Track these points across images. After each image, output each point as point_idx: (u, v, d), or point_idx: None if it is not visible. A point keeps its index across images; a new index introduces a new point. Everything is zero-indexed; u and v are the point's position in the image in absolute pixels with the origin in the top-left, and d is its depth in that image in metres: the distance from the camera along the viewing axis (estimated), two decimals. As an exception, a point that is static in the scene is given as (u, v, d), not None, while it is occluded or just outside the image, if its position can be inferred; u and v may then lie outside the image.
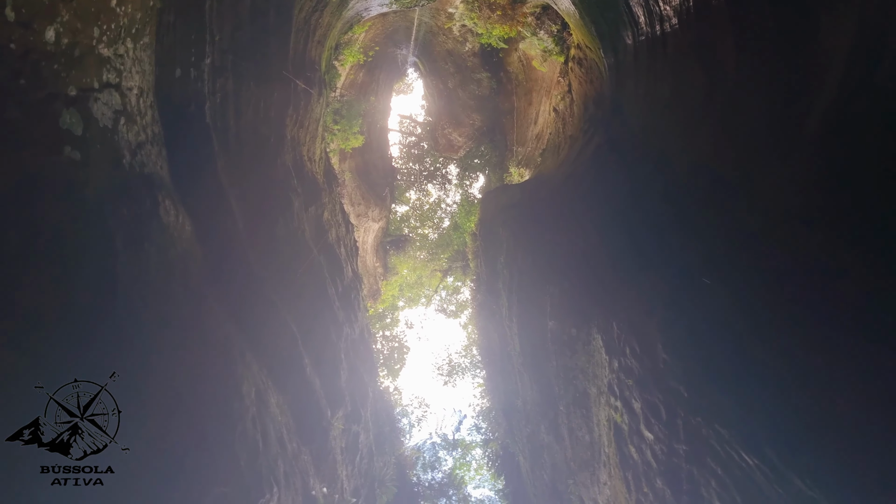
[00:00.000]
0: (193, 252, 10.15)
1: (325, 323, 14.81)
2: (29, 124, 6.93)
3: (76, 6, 7.55)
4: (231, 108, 13.61)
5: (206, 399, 8.26)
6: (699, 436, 8.17)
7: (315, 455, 11.96)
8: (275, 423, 9.95)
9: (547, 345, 15.89)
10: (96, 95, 8.21)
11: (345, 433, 14.12)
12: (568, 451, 15.71)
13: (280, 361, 11.78)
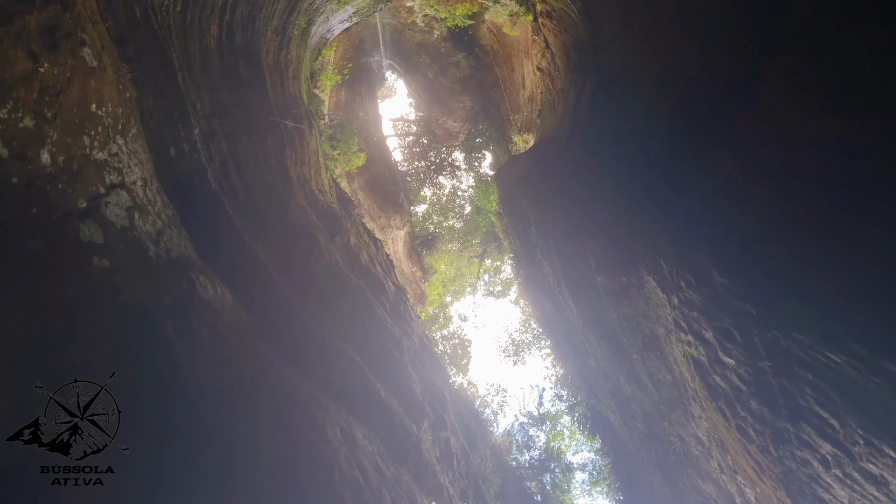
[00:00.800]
0: (241, 318, 10.28)
1: (385, 343, 14.91)
2: (53, 249, 7.08)
3: (60, 123, 7.67)
4: (232, 168, 13.74)
5: (295, 454, 8.38)
6: (780, 348, 8.06)
7: (414, 473, 12.06)
8: (367, 455, 10.06)
9: (602, 299, 15.80)
10: (105, 200, 8.34)
11: (435, 442, 14.22)
12: (654, 396, 15.62)
13: (354, 394, 11.89)
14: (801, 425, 8.49)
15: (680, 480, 16.89)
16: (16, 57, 7.09)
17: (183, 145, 12.25)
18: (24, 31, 7.30)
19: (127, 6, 11.39)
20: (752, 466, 10.82)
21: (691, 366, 11.54)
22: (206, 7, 13.77)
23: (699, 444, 14.22)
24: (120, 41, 10.98)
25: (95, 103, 8.54)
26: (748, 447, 10.47)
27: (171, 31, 12.68)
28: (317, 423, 9.10)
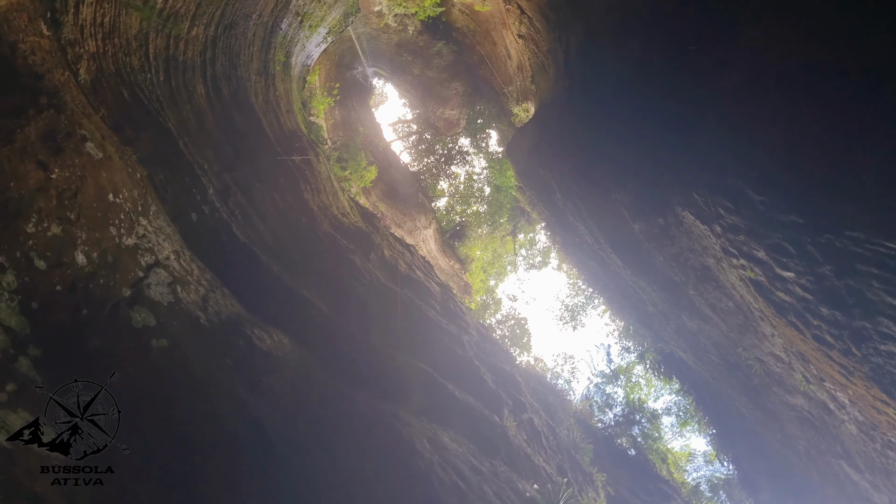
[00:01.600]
0: (303, 358, 10.40)
1: (445, 344, 14.94)
2: (112, 343, 7.23)
3: (85, 221, 7.82)
4: (254, 216, 13.88)
5: (391, 474, 8.46)
6: (836, 250, 7.90)
7: (508, 462, 12.11)
8: (460, 457, 10.12)
9: (643, 245, 15.63)
10: (146, 282, 8.49)
11: (520, 426, 14.24)
12: (720, 325, 15.43)
13: (430, 402, 11.96)
14: (878, 319, 8.32)
15: (768, 400, 16.67)
16: (26, 171, 7.24)
17: (202, 208, 12.40)
18: (27, 143, 7.45)
19: (114, 91, 11.55)
20: (837, 371, 10.64)
21: (751, 288, 11.36)
22: (187, 69, 13.90)
23: (778, 361, 14.02)
24: (116, 126, 11.15)
25: (112, 193, 8.68)
26: (829, 353, 10.29)
27: (160, 103, 12.83)
28: (404, 440, 9.18)
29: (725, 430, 24.22)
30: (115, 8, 11.67)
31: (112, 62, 11.80)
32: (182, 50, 13.78)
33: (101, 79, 11.41)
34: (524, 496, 10.34)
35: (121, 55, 12.03)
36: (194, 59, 14.20)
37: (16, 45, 8.72)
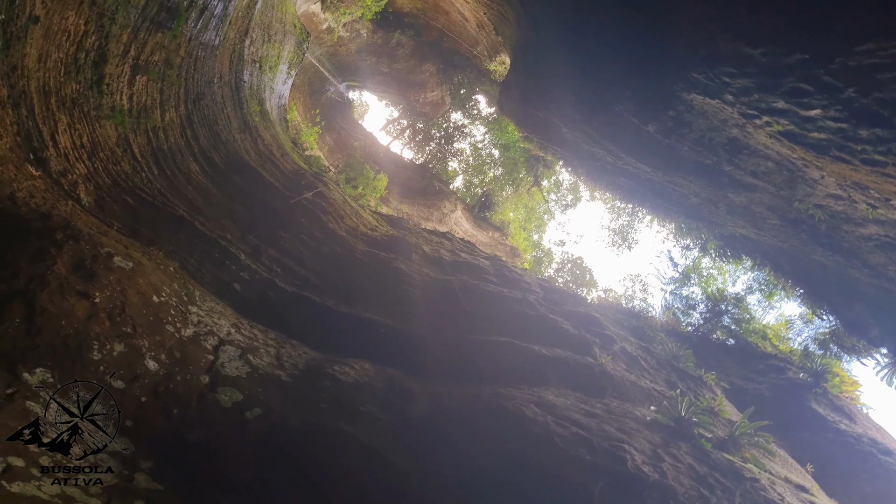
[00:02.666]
0: (391, 374, 10.50)
1: (514, 309, 14.91)
2: (211, 429, 7.39)
3: (142, 329, 7.99)
4: (292, 263, 14.03)
5: (516, 452, 8.48)
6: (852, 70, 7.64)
7: (618, 395, 12.04)
8: (571, 408, 10.09)
9: (664, 143, 15.36)
10: (219, 363, 8.65)
11: (615, 358, 14.17)
12: (768, 188, 15.10)
13: (522, 369, 11.96)
14: (919, 117, 8.07)
15: (842, 241, 16.29)
16: (71, 305, 7.42)
17: (241, 275, 12.57)
18: (61, 280, 7.63)
19: (118, 201, 11.76)
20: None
21: (783, 140, 11.09)
22: (175, 154, 14.07)
23: (837, 199, 13.67)
24: (133, 232, 11.35)
25: (155, 294, 8.85)
26: (885, 171, 10.01)
27: (164, 195, 13.02)
28: (512, 414, 9.19)
29: (811, 285, 23.74)
30: (89, 125, 11.86)
31: (106, 176, 12.00)
32: (164, 138, 13.95)
33: (102, 195, 11.62)
34: (646, 421, 10.29)
35: (111, 166, 12.23)
36: (178, 142, 14.36)
37: (14, 196, 8.93)
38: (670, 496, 7.41)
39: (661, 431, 9.58)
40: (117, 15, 12.13)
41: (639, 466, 7.87)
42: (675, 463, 8.34)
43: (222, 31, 15.92)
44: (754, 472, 8.80)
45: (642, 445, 8.72)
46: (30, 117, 10.57)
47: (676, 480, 7.83)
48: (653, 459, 8.29)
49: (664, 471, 7.95)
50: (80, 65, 11.64)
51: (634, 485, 7.51)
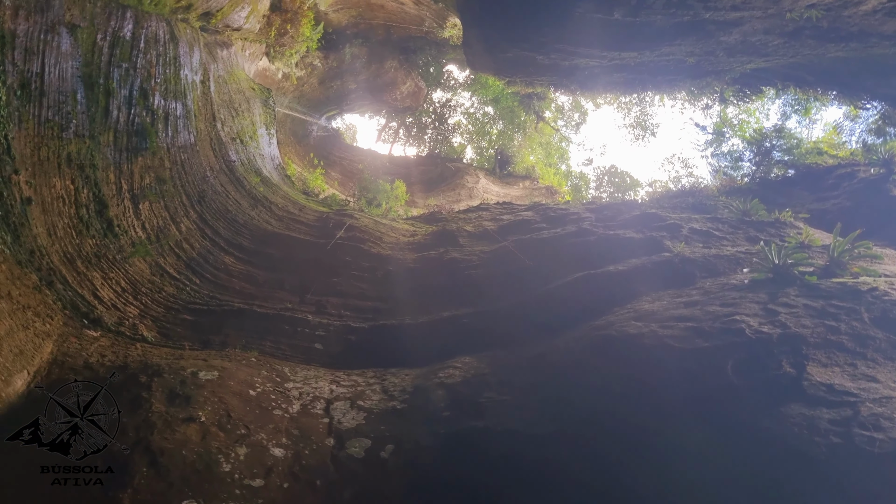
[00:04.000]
0: (493, 356, 10.56)
1: (574, 243, 14.71)
2: (358, 481, 7.55)
3: (255, 425, 8.19)
4: (356, 300, 14.21)
5: (641, 374, 8.42)
6: None
7: (709, 274, 11.75)
8: (671, 307, 9.92)
9: (636, 21, 15.01)
10: (336, 421, 8.83)
11: (688, 241, 13.89)
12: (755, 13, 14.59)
13: (606, 293, 11.80)
14: None
15: (850, 27, 15.63)
16: (184, 434, 7.65)
17: (317, 334, 12.78)
18: (165, 416, 7.88)
19: (177, 323, 12.09)
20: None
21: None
22: (207, 255, 14.41)
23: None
24: (205, 343, 11.68)
25: (251, 389, 9.09)
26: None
27: (214, 296, 13.37)
28: (617, 338, 9.11)
29: (841, 83, 22.98)
30: (120, 270, 12.20)
31: (156, 306, 12.35)
32: (189, 247, 14.27)
33: (161, 325, 11.97)
34: (745, 285, 10.09)
35: (156, 296, 12.57)
36: (203, 245, 14.67)
37: (88, 363, 9.27)
38: (801, 343, 7.26)
39: (764, 288, 9.38)
40: (96, 161, 12.42)
41: (758, 329, 7.73)
42: (791, 310, 8.17)
43: (192, 127, 16.15)
44: (869, 282, 8.57)
45: (752, 309, 8.56)
46: (66, 288, 10.92)
47: (799, 325, 7.68)
48: (768, 317, 8.13)
49: (784, 322, 7.80)
50: (85, 220, 11.96)
51: (762, 348, 7.38)
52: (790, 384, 6.68)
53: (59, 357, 9.43)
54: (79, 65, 12.02)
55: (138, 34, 13.84)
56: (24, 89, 10.71)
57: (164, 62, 14.96)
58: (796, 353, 7.14)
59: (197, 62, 17.03)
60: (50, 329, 9.78)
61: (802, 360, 6.98)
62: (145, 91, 14.12)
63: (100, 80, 12.66)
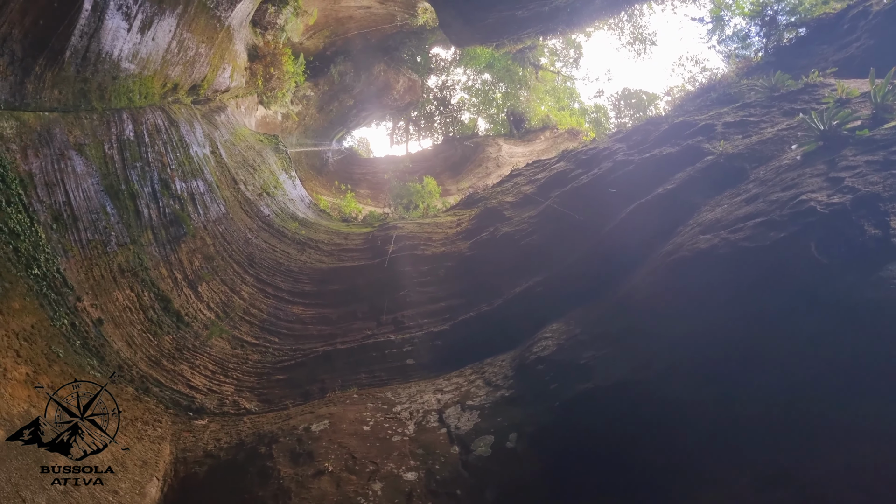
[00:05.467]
0: (580, 315, 10.49)
1: (618, 177, 14.47)
2: (494, 480, 7.59)
3: (381, 459, 8.28)
4: (428, 305, 14.27)
5: (725, 278, 8.26)
6: None
7: (755, 160, 11.50)
8: (728, 210, 9.75)
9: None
10: (454, 426, 8.87)
11: (726, 137, 13.54)
12: None
13: (668, 215, 11.62)
14: None
15: None
16: (319, 488, 7.80)
17: (405, 350, 12.89)
18: (295, 478, 8.05)
19: (273, 384, 12.32)
20: None
21: None
22: (274, 313, 14.67)
23: None
24: (304, 395, 11.88)
25: (363, 425, 9.21)
26: None
27: (297, 348, 13.59)
28: (691, 257, 8.92)
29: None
30: (203, 354, 12.51)
31: (248, 376, 12.65)
32: (257, 310, 14.56)
33: (259, 392, 12.26)
34: (798, 161, 9.78)
35: (244, 367, 12.89)
36: (268, 303, 14.96)
37: (207, 450, 9.53)
38: (876, 201, 6.98)
39: (818, 158, 9.04)
40: (145, 262, 12.74)
41: (828, 202, 7.45)
42: (854, 172, 7.86)
43: (219, 198, 16.43)
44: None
45: (815, 184, 8.26)
46: (162, 389, 11.25)
47: (868, 184, 7.38)
48: (834, 186, 7.84)
49: (852, 186, 7.51)
50: (156, 320, 12.28)
51: (839, 219, 7.11)
52: (879, 246, 6.45)
53: (179, 455, 9.70)
54: (98, 179, 12.33)
55: (140, 131, 14.11)
56: (57, 221, 11.04)
57: (172, 147, 15.23)
58: (875, 212, 6.89)
59: (201, 135, 17.29)
60: (162, 432, 10.06)
61: (884, 218, 6.73)
62: (165, 181, 14.40)
63: (121, 186, 12.96)
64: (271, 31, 25.25)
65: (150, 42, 13.78)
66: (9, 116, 10.63)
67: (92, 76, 12.41)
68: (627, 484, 6.85)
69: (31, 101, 11.16)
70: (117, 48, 12.68)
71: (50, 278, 10.34)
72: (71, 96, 12.18)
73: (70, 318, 10.40)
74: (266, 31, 25.01)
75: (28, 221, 10.35)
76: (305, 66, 29.88)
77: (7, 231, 9.71)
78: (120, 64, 13.06)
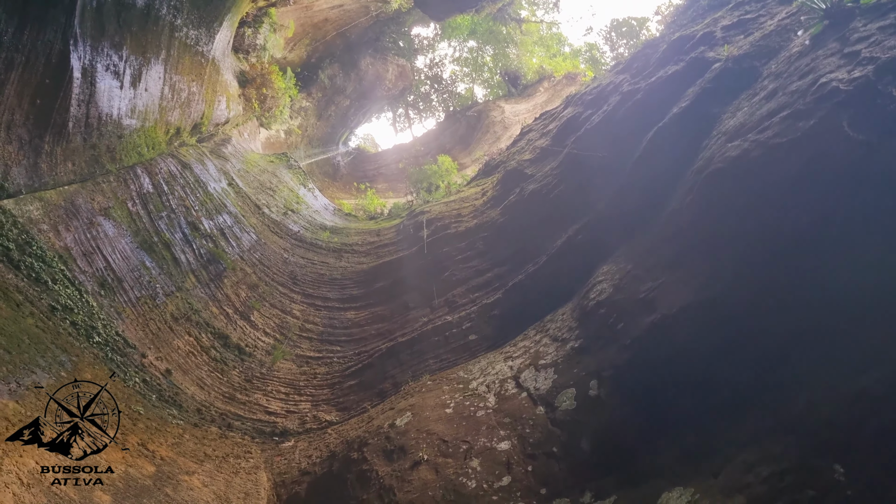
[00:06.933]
0: (624, 251, 10.44)
1: (630, 111, 14.32)
2: (588, 426, 7.61)
3: (470, 437, 8.36)
4: (476, 279, 14.30)
5: (772, 165, 8.15)
6: None
7: (764, 55, 11.26)
8: (748, 113, 9.56)
9: None
10: (531, 387, 8.92)
11: (727, 40, 13.30)
12: None
13: (689, 129, 11.48)
14: None
15: None
16: (419, 479, 7.91)
17: (464, 328, 12.95)
18: (393, 474, 8.16)
19: (345, 391, 12.49)
20: None
21: None
22: (329, 322, 14.87)
23: None
24: (380, 394, 12.03)
25: (444, 408, 9.28)
26: None
27: (360, 351, 13.77)
28: (724, 167, 8.84)
29: None
30: (272, 380, 12.73)
31: (321, 390, 12.87)
32: (313, 324, 14.76)
33: (336, 402, 12.46)
34: (808, 45, 9.54)
35: (313, 381, 13.13)
36: (322, 315, 15.16)
37: (303, 469, 9.70)
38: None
39: (828, 38, 8.71)
40: (195, 306, 12.97)
41: (850, 79, 7.20)
42: (868, 42, 7.55)
43: (248, 226, 16.62)
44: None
45: (832, 63, 7.99)
46: (244, 421, 11.50)
47: (886, 50, 7.14)
48: (852, 60, 7.55)
49: (871, 56, 7.23)
50: (220, 359, 12.53)
51: (864, 91, 6.89)
52: (913, 108, 6.30)
53: (276, 479, 9.92)
54: (130, 238, 12.55)
55: (157, 181, 14.30)
56: (104, 286, 11.27)
57: (191, 189, 15.41)
58: (899, 73, 6.72)
59: (215, 171, 17.47)
60: (254, 462, 10.28)
61: (911, 79, 6.56)
62: (193, 223, 14.60)
63: (154, 238, 13.17)
64: (254, 53, 25.32)
65: (143, 94, 13.92)
66: (32, 199, 10.85)
67: (99, 141, 12.59)
68: (719, 403, 6.83)
69: (49, 179, 11.36)
70: (115, 107, 12.84)
71: (112, 342, 10.59)
72: (84, 165, 12.38)
73: (140, 375, 10.65)
74: (249, 54, 25.08)
75: (77, 294, 10.59)
76: (295, 79, 29.93)
77: (61, 307, 9.95)
78: (121, 122, 13.23)
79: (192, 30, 15.73)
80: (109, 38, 12.10)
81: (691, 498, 5.95)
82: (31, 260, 10.08)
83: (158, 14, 13.68)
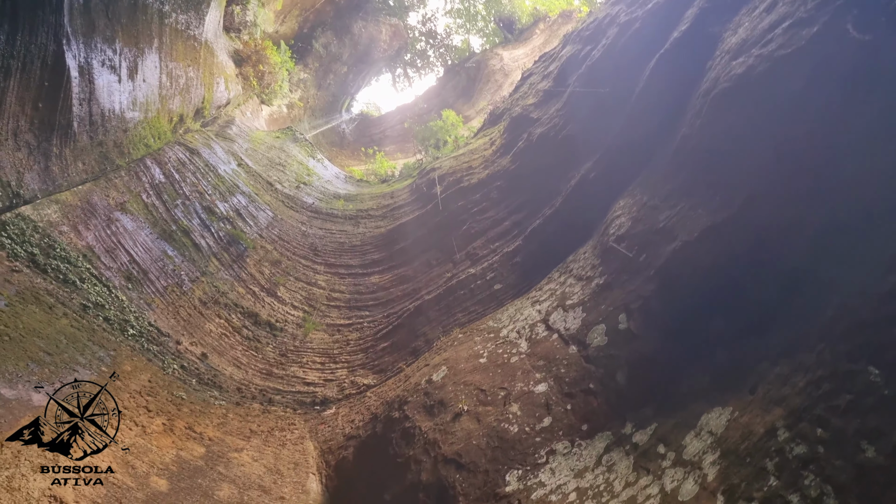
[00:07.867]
0: (642, 181, 10.38)
1: (633, 43, 14.09)
2: (621, 361, 7.68)
3: (507, 383, 8.47)
4: (494, 230, 14.32)
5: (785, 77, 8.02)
6: None
7: None
8: (750, 28, 9.37)
9: None
10: (561, 328, 8.96)
11: None
12: None
13: (700, 52, 11.28)
14: None
15: None
16: (463, 429, 8.04)
17: (488, 278, 12.99)
18: (438, 427, 8.30)
19: (378, 352, 12.64)
20: None
21: None
22: (356, 291, 14.97)
23: None
24: (413, 352, 12.15)
25: (477, 358, 9.40)
26: None
27: (390, 315, 13.87)
28: (738, 84, 8.71)
29: None
30: (308, 351, 12.91)
31: (355, 355, 13.01)
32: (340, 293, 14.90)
33: (372, 365, 12.63)
34: None
35: (348, 348, 13.24)
36: (347, 282, 15.27)
37: (346, 432, 9.88)
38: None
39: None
40: (221, 288, 13.12)
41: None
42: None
43: (263, 204, 16.70)
44: None
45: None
46: (284, 395, 11.74)
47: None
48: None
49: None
50: (252, 337, 12.72)
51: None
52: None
53: (323, 447, 10.14)
54: (149, 229, 12.68)
55: (167, 171, 14.37)
56: (131, 280, 11.44)
57: (203, 174, 15.48)
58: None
59: (223, 153, 17.50)
60: (299, 432, 10.50)
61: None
62: (208, 208, 14.70)
63: (172, 227, 13.29)
64: (246, 31, 25.10)
65: (142, 85, 13.92)
66: (49, 203, 10.98)
67: (105, 137, 12.66)
68: (748, 322, 6.83)
69: (62, 181, 11.48)
70: (116, 101, 12.87)
71: (146, 333, 10.80)
72: (94, 163, 12.47)
73: (178, 361, 10.87)
74: (241, 32, 24.87)
75: (106, 291, 10.78)
76: (290, 51, 29.72)
77: (92, 305, 10.14)
78: (125, 115, 13.27)
79: (181, 14, 15.60)
80: (101, 32, 12.05)
81: (731, 416, 6.00)
82: (57, 262, 10.25)
83: (146, 2, 13.57)
